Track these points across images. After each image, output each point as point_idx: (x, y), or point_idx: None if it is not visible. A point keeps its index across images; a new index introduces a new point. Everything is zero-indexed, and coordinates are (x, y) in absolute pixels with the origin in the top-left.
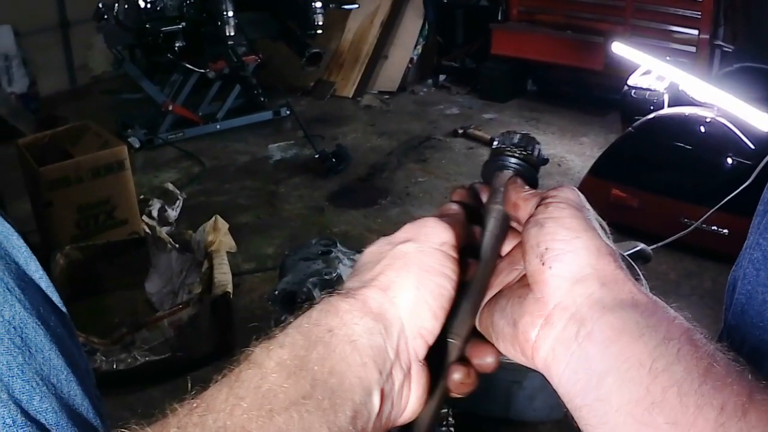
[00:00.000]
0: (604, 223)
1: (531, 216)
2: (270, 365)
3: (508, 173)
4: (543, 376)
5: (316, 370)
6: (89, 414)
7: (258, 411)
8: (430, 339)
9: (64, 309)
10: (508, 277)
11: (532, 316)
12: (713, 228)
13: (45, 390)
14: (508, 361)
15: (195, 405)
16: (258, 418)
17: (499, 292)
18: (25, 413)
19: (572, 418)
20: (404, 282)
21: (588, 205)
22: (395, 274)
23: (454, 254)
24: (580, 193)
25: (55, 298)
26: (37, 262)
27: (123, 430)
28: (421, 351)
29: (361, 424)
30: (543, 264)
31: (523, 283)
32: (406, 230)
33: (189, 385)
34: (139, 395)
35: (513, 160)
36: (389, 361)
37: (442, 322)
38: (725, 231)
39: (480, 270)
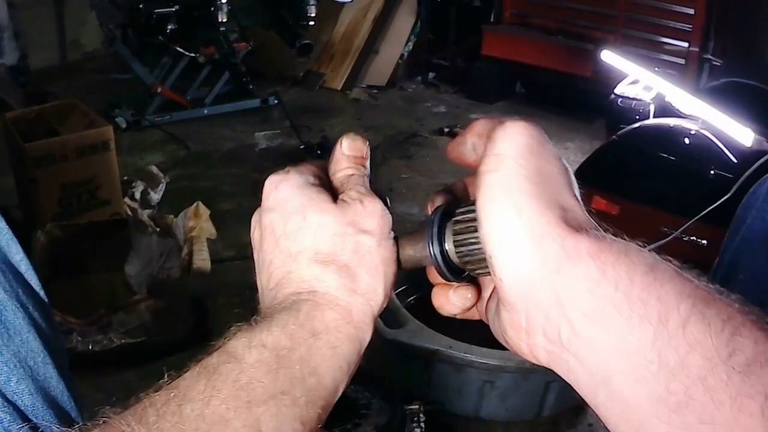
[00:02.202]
0: (558, 166)
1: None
2: (250, 361)
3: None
4: (517, 376)
5: (297, 369)
6: (64, 397)
7: (236, 402)
8: None
9: (42, 293)
10: None
11: (513, 329)
12: (692, 238)
13: (22, 372)
14: (479, 360)
15: (173, 394)
16: (236, 408)
17: (492, 292)
18: (2, 395)
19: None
20: (379, 287)
21: (536, 147)
22: (371, 279)
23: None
24: (522, 131)
25: (34, 281)
26: (18, 245)
27: (104, 417)
28: None
29: (325, 414)
30: (495, 275)
31: None
32: (359, 215)
33: (165, 371)
34: (115, 377)
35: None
36: (357, 362)
37: None
38: (704, 242)
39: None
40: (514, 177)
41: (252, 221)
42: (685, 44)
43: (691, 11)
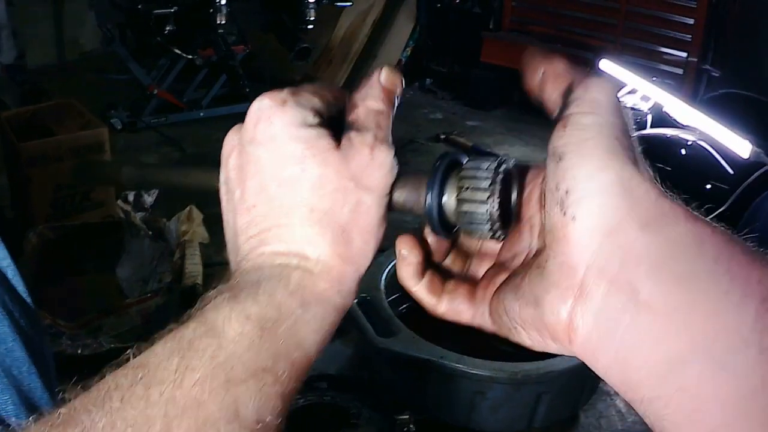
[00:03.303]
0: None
1: (549, 141)
2: (230, 334)
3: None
4: (508, 387)
5: (281, 343)
6: (48, 407)
7: (212, 382)
8: None
9: (29, 299)
10: (519, 255)
11: (560, 288)
12: None
13: (6, 381)
14: (471, 371)
15: (140, 375)
16: (212, 390)
17: (513, 273)
18: None
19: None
20: (370, 251)
21: (625, 111)
22: (364, 244)
23: None
24: (611, 90)
25: (21, 288)
26: (5, 250)
27: (62, 409)
28: None
29: (301, 385)
30: (565, 214)
31: (541, 252)
32: (365, 167)
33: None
34: None
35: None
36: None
37: None
38: None
39: None
40: (611, 125)
41: (226, 143)
42: (684, 54)
43: (691, 21)
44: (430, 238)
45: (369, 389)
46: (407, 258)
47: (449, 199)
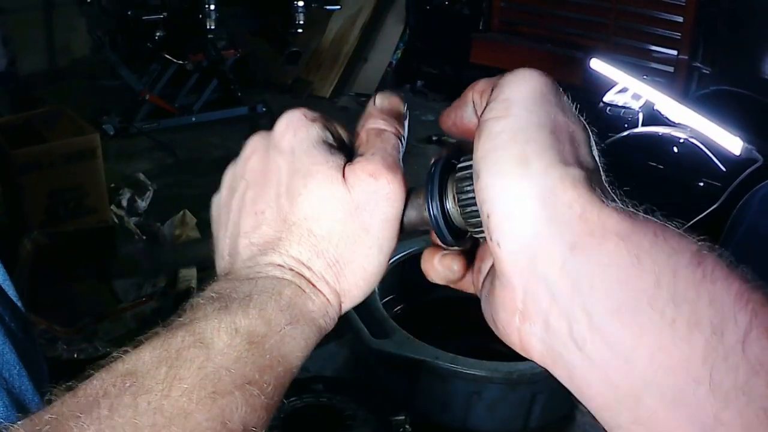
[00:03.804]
0: (576, 123)
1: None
2: (219, 346)
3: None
4: (504, 387)
5: (267, 357)
6: (39, 410)
7: (199, 393)
8: None
9: (19, 303)
10: None
11: (506, 310)
12: None
13: None
14: (466, 371)
15: (128, 384)
16: (199, 400)
17: (485, 277)
18: None
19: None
20: (361, 290)
21: (550, 96)
22: (357, 281)
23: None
24: (536, 78)
25: (11, 291)
26: None
27: (50, 414)
28: None
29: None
30: (491, 239)
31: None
32: (370, 199)
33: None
34: None
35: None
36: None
37: None
38: None
39: None
40: (524, 124)
41: (250, 144)
42: (674, 52)
43: (680, 19)
44: (439, 264)
45: (364, 390)
46: (447, 280)
47: (451, 205)
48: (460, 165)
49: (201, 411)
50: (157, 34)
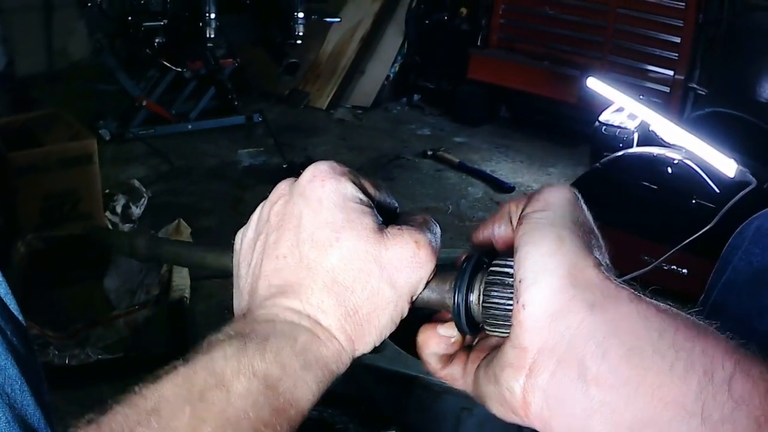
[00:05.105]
0: (594, 230)
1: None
2: (239, 389)
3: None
4: None
5: (281, 400)
6: (41, 425)
7: None
8: None
9: (20, 317)
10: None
11: (513, 367)
12: (673, 267)
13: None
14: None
15: (154, 422)
16: None
17: (487, 353)
18: None
19: None
20: (372, 342)
21: (578, 204)
22: (369, 334)
23: None
24: (568, 190)
25: (13, 305)
26: None
27: None
28: None
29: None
30: (518, 302)
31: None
32: (399, 259)
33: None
34: (89, 391)
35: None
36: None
37: None
38: (684, 271)
39: None
40: (560, 217)
41: (278, 189)
42: (671, 72)
43: (677, 40)
44: (443, 330)
45: (356, 404)
46: (439, 353)
47: (475, 299)
48: (494, 264)
49: None
50: (157, 40)
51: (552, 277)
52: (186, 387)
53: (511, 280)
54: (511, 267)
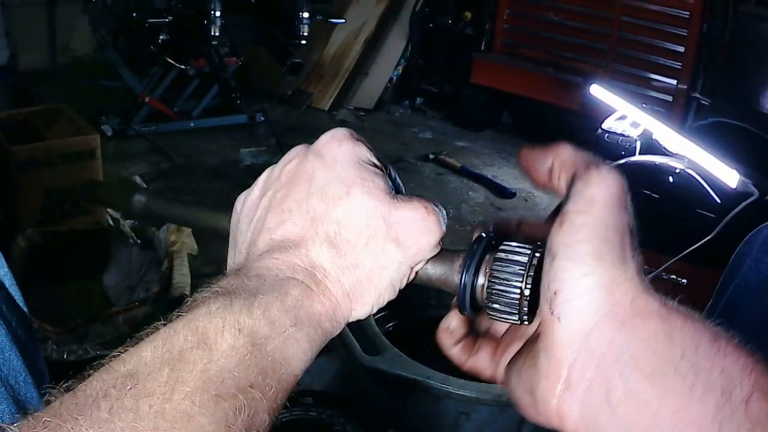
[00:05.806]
0: (633, 226)
1: (549, 235)
2: (222, 347)
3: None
4: (494, 409)
5: (270, 360)
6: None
7: (202, 396)
8: None
9: (25, 308)
10: (532, 325)
11: (549, 380)
12: (672, 277)
13: (3, 391)
14: (457, 391)
15: (129, 385)
16: (202, 403)
17: (521, 348)
18: None
19: None
20: (370, 305)
21: (624, 202)
22: (368, 294)
23: None
24: (616, 185)
25: (18, 296)
26: (3, 259)
27: (47, 416)
28: None
29: (285, 400)
30: (552, 313)
31: (537, 337)
32: (410, 220)
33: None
34: None
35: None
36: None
37: None
38: (684, 281)
39: None
40: (603, 225)
41: (292, 151)
42: (674, 81)
43: (681, 49)
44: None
45: (354, 406)
46: (455, 332)
47: (481, 281)
48: (504, 248)
49: (204, 414)
50: (161, 37)
51: (588, 295)
52: (166, 347)
53: (520, 268)
54: (520, 254)
